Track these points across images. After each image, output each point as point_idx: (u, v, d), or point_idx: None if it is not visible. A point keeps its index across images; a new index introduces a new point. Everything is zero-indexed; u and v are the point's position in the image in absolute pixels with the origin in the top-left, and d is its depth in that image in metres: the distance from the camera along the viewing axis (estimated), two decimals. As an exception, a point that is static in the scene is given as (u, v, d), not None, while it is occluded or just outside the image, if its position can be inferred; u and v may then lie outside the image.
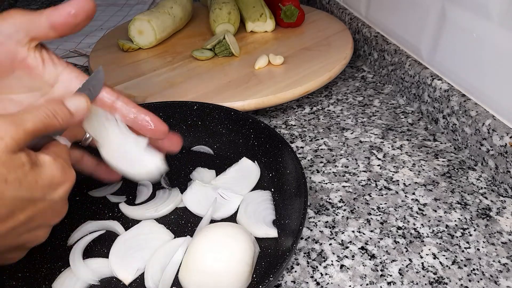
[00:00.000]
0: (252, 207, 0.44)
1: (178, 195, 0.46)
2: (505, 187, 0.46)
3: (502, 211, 0.44)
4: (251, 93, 0.58)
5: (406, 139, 0.56)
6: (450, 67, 0.55)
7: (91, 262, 0.39)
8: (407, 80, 0.62)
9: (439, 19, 0.56)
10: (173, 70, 0.67)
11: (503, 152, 0.46)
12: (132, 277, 0.37)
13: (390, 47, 0.66)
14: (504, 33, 0.45)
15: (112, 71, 0.67)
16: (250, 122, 0.50)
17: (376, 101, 0.65)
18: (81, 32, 0.90)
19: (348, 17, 0.81)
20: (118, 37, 0.76)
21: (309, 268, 0.39)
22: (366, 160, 0.52)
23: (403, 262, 0.39)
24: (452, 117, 0.53)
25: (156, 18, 0.73)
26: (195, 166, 0.50)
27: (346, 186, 0.49)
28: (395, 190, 0.48)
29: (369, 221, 0.44)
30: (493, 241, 0.41)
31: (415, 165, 0.51)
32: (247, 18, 0.78)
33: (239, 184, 0.47)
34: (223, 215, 0.43)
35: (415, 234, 0.42)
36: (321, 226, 0.44)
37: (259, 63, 0.66)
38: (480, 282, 0.37)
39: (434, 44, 0.58)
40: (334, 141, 0.56)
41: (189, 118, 0.53)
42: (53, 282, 0.37)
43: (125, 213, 0.44)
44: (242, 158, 0.49)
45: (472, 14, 0.50)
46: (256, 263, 0.38)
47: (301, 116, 0.62)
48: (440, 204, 0.46)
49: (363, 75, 0.72)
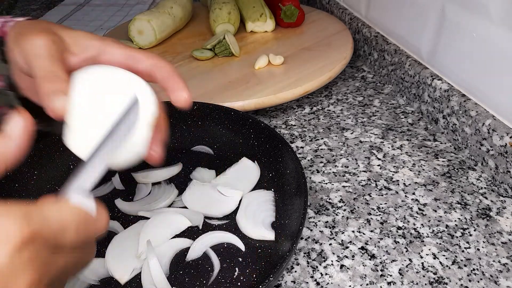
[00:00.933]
0: (253, 207, 0.44)
1: (174, 191, 0.46)
2: (505, 187, 0.46)
3: (502, 211, 0.44)
4: (251, 93, 0.58)
5: (406, 139, 0.56)
6: (450, 67, 0.55)
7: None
8: (407, 80, 0.62)
9: (439, 19, 0.56)
10: (173, 70, 0.67)
11: (503, 152, 0.46)
12: (128, 277, 0.37)
13: (390, 47, 0.66)
14: (504, 33, 0.45)
15: (112, 71, 0.67)
16: (250, 122, 0.50)
17: (376, 101, 0.65)
18: (81, 32, 0.90)
19: (348, 17, 0.81)
20: (118, 37, 0.76)
21: (309, 268, 0.39)
22: (366, 160, 0.52)
23: (403, 262, 0.39)
24: (452, 117, 0.53)
25: (156, 18, 0.73)
26: (195, 166, 0.50)
27: (346, 186, 0.49)
28: (395, 190, 0.48)
29: (369, 221, 0.44)
30: (493, 241, 0.41)
31: (415, 165, 0.51)
32: (247, 18, 0.78)
33: (239, 184, 0.47)
34: (222, 213, 0.43)
35: (415, 234, 0.42)
36: (321, 226, 0.44)
37: (259, 63, 0.66)
38: (480, 282, 0.37)
39: (434, 44, 0.58)
40: (334, 141, 0.56)
41: (189, 118, 0.53)
42: (53, 282, 0.37)
43: (121, 209, 0.44)
44: (242, 158, 0.49)
45: (472, 14, 0.50)
46: (256, 263, 0.39)
47: (301, 116, 0.62)
48: (440, 204, 0.46)
49: (363, 75, 0.72)
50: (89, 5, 1.08)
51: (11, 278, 0.19)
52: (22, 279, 0.19)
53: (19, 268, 0.19)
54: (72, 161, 0.49)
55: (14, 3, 1.13)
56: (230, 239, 0.41)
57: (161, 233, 0.41)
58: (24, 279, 0.19)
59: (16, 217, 0.19)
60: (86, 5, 1.08)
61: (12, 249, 0.19)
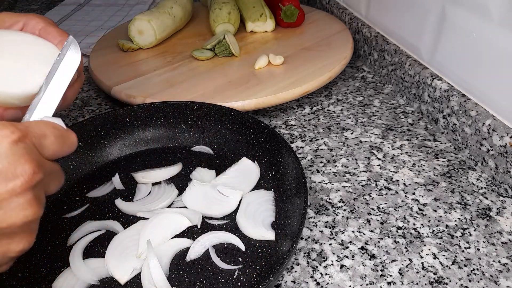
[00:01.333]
0: (253, 207, 0.44)
1: (174, 191, 0.46)
2: (505, 187, 0.46)
3: (502, 211, 0.44)
4: (251, 93, 0.58)
5: (406, 139, 0.56)
6: (450, 67, 0.55)
7: (91, 262, 0.39)
8: (407, 80, 0.62)
9: (439, 19, 0.56)
10: (173, 70, 0.67)
11: (503, 152, 0.46)
12: (128, 277, 0.37)
13: (390, 47, 0.66)
14: (504, 33, 0.45)
15: (112, 71, 0.67)
16: (250, 122, 0.50)
17: (376, 101, 0.65)
18: (81, 32, 0.91)
19: (348, 17, 0.81)
20: (118, 37, 0.77)
21: (309, 268, 0.39)
22: (366, 160, 0.52)
23: (403, 262, 0.39)
24: (452, 117, 0.53)
25: (156, 18, 0.73)
26: (195, 166, 0.50)
27: (346, 186, 0.49)
28: (395, 190, 0.48)
29: (369, 221, 0.44)
30: (493, 241, 0.41)
31: (415, 165, 0.51)
32: (247, 18, 0.78)
33: (239, 184, 0.47)
34: (222, 213, 0.43)
35: (415, 234, 0.42)
36: (321, 226, 0.44)
37: (259, 63, 0.66)
38: (480, 282, 0.37)
39: (434, 44, 0.58)
40: (334, 141, 0.56)
41: (189, 118, 0.53)
42: (53, 282, 0.37)
43: (121, 209, 0.44)
44: (242, 158, 0.49)
45: (472, 14, 0.50)
46: (256, 263, 0.39)
47: (301, 116, 0.62)
48: (440, 204, 0.46)
49: (363, 75, 0.72)
50: (89, 5, 1.08)
51: (16, 163, 0.24)
52: (24, 164, 0.25)
53: (19, 156, 0.25)
54: (72, 161, 0.49)
55: (14, 3, 1.13)
56: (230, 239, 0.41)
57: (161, 233, 0.41)
58: (26, 165, 0.25)
59: (6, 124, 0.25)
60: (86, 5, 1.08)
61: (10, 143, 0.25)
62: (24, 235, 0.26)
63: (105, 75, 0.65)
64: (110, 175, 0.49)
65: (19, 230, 0.26)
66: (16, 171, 0.25)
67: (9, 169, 0.24)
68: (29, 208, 0.25)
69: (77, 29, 0.93)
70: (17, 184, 0.25)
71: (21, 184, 0.25)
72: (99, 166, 0.51)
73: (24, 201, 0.25)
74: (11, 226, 0.25)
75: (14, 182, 0.24)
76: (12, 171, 0.24)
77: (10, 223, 0.25)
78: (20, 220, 0.25)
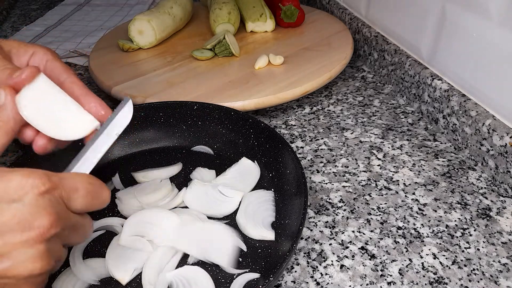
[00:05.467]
0: (253, 207, 0.44)
1: (174, 190, 0.46)
2: (505, 187, 0.46)
3: (502, 211, 0.44)
4: (251, 93, 0.58)
5: (406, 139, 0.56)
6: (450, 67, 0.55)
7: (91, 262, 0.39)
8: (407, 80, 0.62)
9: (439, 19, 0.56)
10: (173, 70, 0.67)
11: (503, 152, 0.46)
12: (129, 277, 0.37)
13: (390, 47, 0.66)
14: (504, 33, 0.45)
15: (112, 71, 0.67)
16: (250, 122, 0.50)
17: (376, 101, 0.65)
18: (81, 32, 0.91)
19: (348, 17, 0.81)
20: (118, 37, 0.76)
21: (309, 268, 0.39)
22: (366, 160, 0.52)
23: (403, 262, 0.39)
24: (452, 117, 0.53)
25: (156, 18, 0.73)
26: (195, 166, 0.50)
27: (346, 186, 0.49)
28: (395, 190, 0.48)
29: (369, 221, 0.44)
30: (493, 241, 0.41)
31: (415, 165, 0.51)
32: (247, 18, 0.78)
33: (239, 184, 0.47)
34: (223, 213, 0.43)
35: (415, 234, 0.42)
36: (321, 226, 0.44)
37: (259, 63, 0.66)
38: (480, 282, 0.37)
39: (434, 44, 0.58)
40: (334, 141, 0.56)
41: (189, 118, 0.53)
42: (53, 282, 0.37)
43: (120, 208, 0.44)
44: (242, 158, 0.49)
45: (472, 14, 0.50)
46: (256, 263, 0.39)
47: (301, 116, 0.62)
48: (440, 204, 0.46)
49: (363, 75, 0.72)
50: (89, 5, 1.08)
51: (36, 215, 0.25)
52: (43, 217, 0.25)
53: (42, 208, 0.25)
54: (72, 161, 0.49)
55: (14, 3, 1.13)
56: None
57: (161, 233, 0.41)
58: (45, 218, 0.25)
59: (40, 174, 0.26)
60: (86, 5, 1.08)
61: (37, 194, 0.25)
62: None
63: (105, 75, 0.65)
64: (110, 175, 0.49)
65: (22, 282, 0.25)
66: (34, 223, 0.24)
67: (29, 220, 0.24)
68: (39, 262, 0.25)
69: (77, 29, 0.93)
70: (31, 236, 0.24)
71: (35, 236, 0.24)
72: (99, 166, 0.50)
73: (34, 253, 0.25)
74: (16, 277, 0.25)
75: (28, 233, 0.24)
76: (30, 222, 0.24)
77: (15, 273, 0.24)
78: (26, 272, 0.25)
